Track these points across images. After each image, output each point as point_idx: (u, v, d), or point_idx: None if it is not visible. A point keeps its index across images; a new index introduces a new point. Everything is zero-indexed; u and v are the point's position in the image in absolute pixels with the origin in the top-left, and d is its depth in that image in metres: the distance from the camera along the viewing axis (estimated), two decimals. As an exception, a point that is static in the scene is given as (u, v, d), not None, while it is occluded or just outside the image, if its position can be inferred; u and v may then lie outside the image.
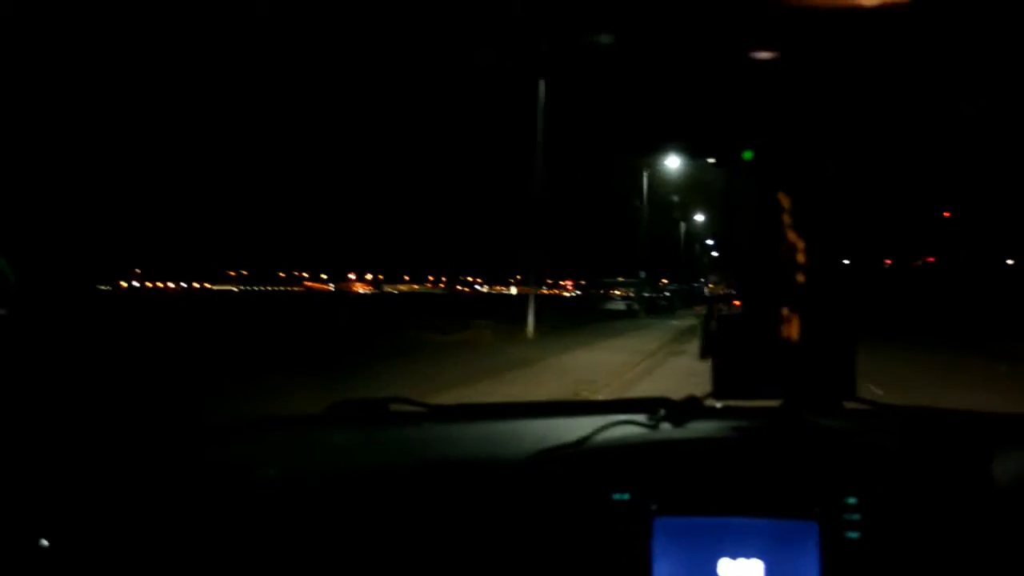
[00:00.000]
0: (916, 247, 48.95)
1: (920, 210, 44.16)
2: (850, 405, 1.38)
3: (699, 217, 56.63)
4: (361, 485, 1.26)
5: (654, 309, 42.51)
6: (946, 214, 43.75)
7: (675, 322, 29.29)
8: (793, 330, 1.29)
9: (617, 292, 42.56)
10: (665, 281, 63.95)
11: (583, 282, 53.56)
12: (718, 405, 1.41)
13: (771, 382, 1.30)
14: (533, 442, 1.29)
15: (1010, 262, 35.61)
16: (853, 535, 1.11)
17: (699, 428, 1.32)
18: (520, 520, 1.18)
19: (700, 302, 44.88)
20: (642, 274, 40.69)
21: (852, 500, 1.12)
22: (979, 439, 1.28)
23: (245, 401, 6.69)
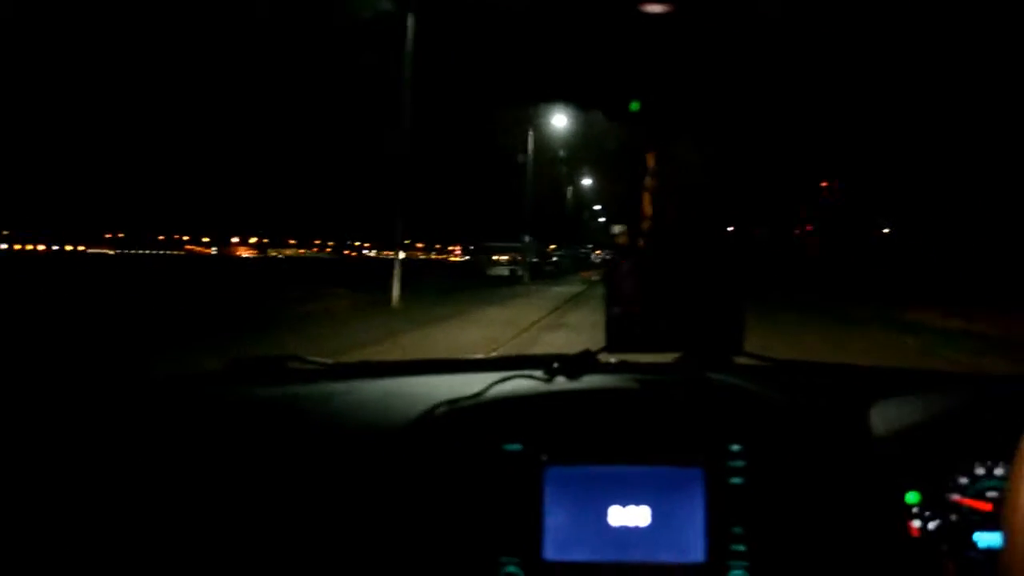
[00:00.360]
0: (796, 216, 50.01)
1: (799, 180, 44.95)
2: (742, 360, 1.43)
3: (587, 181, 55.40)
4: (258, 443, 1.26)
5: (540, 275, 41.18)
6: (823, 184, 44.65)
7: (560, 289, 28.02)
8: (678, 285, 1.34)
9: (503, 257, 41.40)
10: (553, 247, 63.15)
11: (472, 247, 51.74)
12: (613, 360, 1.46)
13: (662, 336, 1.34)
14: (430, 397, 1.29)
15: (886, 231, 36.47)
16: (737, 481, 1.16)
17: (592, 381, 1.35)
18: (414, 473, 1.19)
19: (588, 268, 43.56)
20: (526, 238, 38.23)
21: (736, 448, 1.17)
22: (858, 391, 1.34)
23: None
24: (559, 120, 33.62)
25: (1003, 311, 14.49)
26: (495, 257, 42.49)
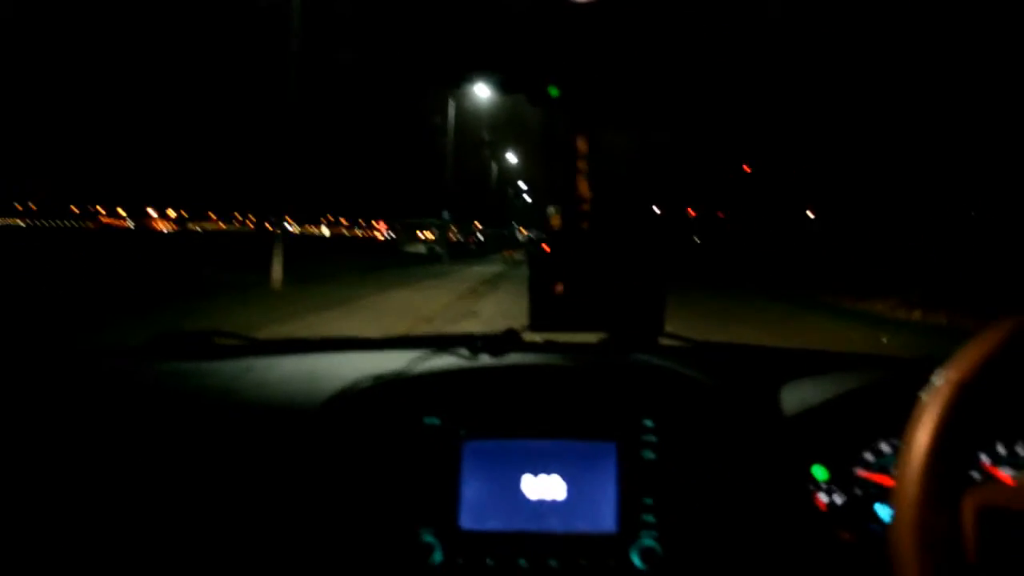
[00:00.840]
0: (719, 199, 50.15)
1: (723, 163, 45.00)
2: (666, 341, 1.50)
3: (513, 160, 54.12)
4: (181, 417, 1.25)
5: (461, 253, 39.70)
6: (746, 168, 44.73)
7: (479, 268, 26.91)
8: (597, 266, 1.36)
9: (427, 234, 40.12)
10: (479, 224, 61.88)
11: (398, 224, 50.49)
12: (539, 339, 1.48)
13: (584, 316, 1.38)
14: (354, 373, 1.30)
15: (811, 215, 36.60)
16: (649, 455, 1.20)
17: (514, 359, 1.36)
18: (334, 447, 1.20)
19: (512, 246, 41.90)
20: (446, 214, 35.95)
21: (649, 423, 1.22)
22: (771, 371, 1.38)
23: None
24: (482, 96, 32.18)
25: (950, 301, 14.16)
26: (416, 234, 40.75)
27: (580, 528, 1.18)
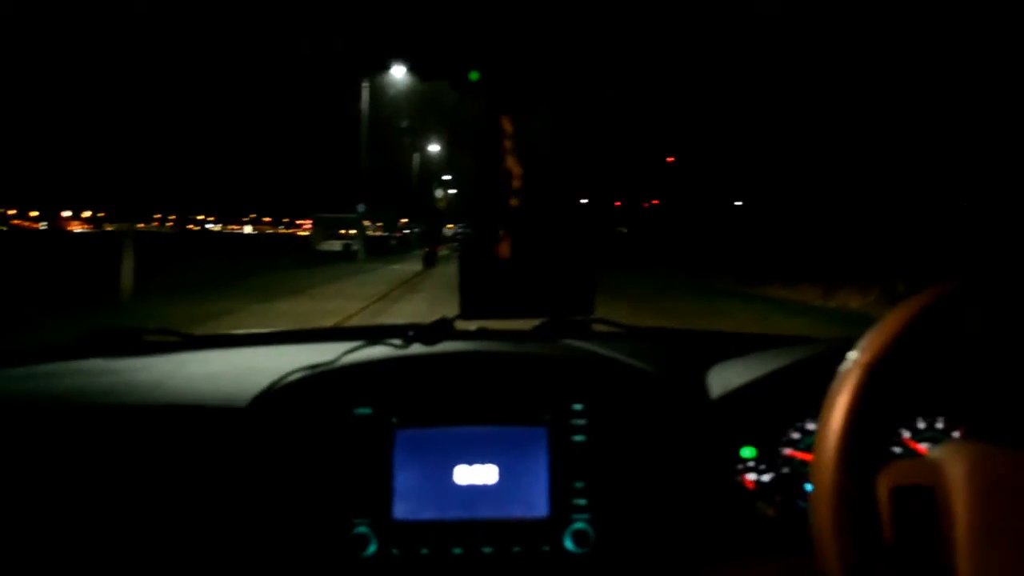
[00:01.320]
0: (645, 190, 50.08)
1: (647, 155, 44.96)
2: (598, 327, 1.51)
3: (438, 151, 51.79)
4: (111, 414, 1.23)
5: (381, 250, 37.97)
6: (669, 159, 44.66)
7: (397, 267, 24.50)
8: (518, 251, 1.36)
9: (354, 232, 38.59)
10: (405, 220, 60.37)
11: (316, 221, 48.60)
12: (472, 327, 1.48)
13: (515, 303, 1.37)
14: (286, 367, 1.28)
15: (738, 203, 36.50)
16: (579, 439, 1.22)
17: (446, 347, 1.35)
18: (266, 440, 1.19)
19: (440, 242, 37.99)
20: (361, 207, 31.11)
21: (578, 407, 1.23)
22: (699, 355, 1.40)
23: None
24: (401, 82, 30.46)
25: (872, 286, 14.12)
26: (334, 231, 38.23)
27: (513, 514, 1.19)
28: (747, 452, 1.23)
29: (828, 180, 25.73)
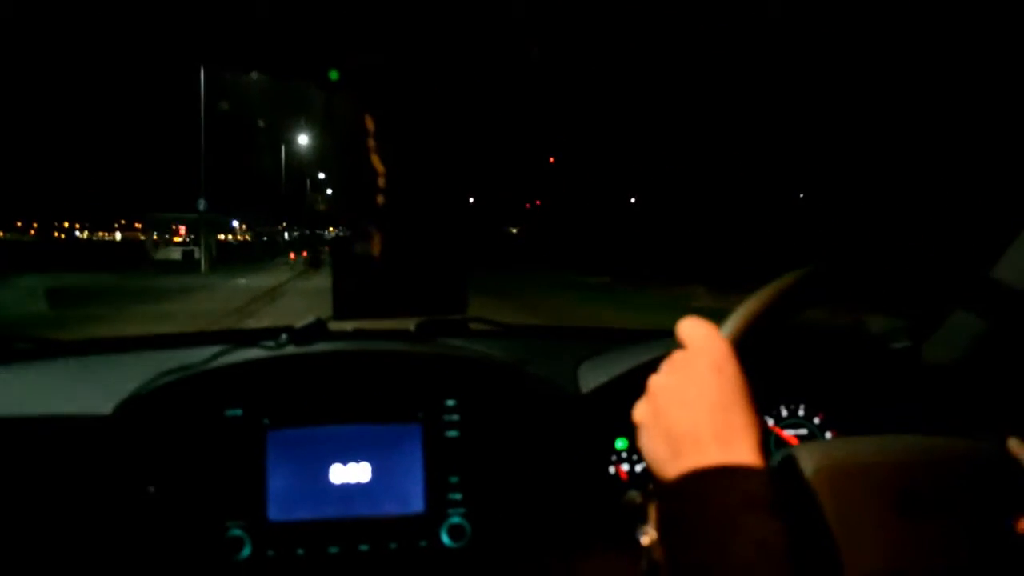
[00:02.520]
0: (528, 190, 50.55)
1: (529, 156, 45.42)
2: (474, 326, 1.53)
3: (310, 150, 48.56)
4: None
5: (238, 257, 32.04)
6: (551, 159, 45.24)
7: (249, 280, 18.60)
8: (390, 250, 1.38)
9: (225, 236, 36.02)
10: (284, 224, 58.42)
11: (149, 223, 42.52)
12: (349, 328, 1.46)
13: (387, 302, 1.39)
14: (156, 370, 1.25)
15: (633, 200, 37.27)
16: (452, 434, 1.23)
17: (319, 347, 1.33)
18: (136, 444, 1.17)
19: (314, 246, 30.46)
20: (202, 204, 24.95)
21: (451, 403, 1.24)
22: (571, 350, 1.42)
23: None
24: (258, 78, 28.59)
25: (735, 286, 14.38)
26: (173, 234, 32.03)
27: (389, 511, 1.19)
28: (620, 443, 1.26)
29: (717, 180, 26.66)
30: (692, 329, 0.72)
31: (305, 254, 28.55)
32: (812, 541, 0.66)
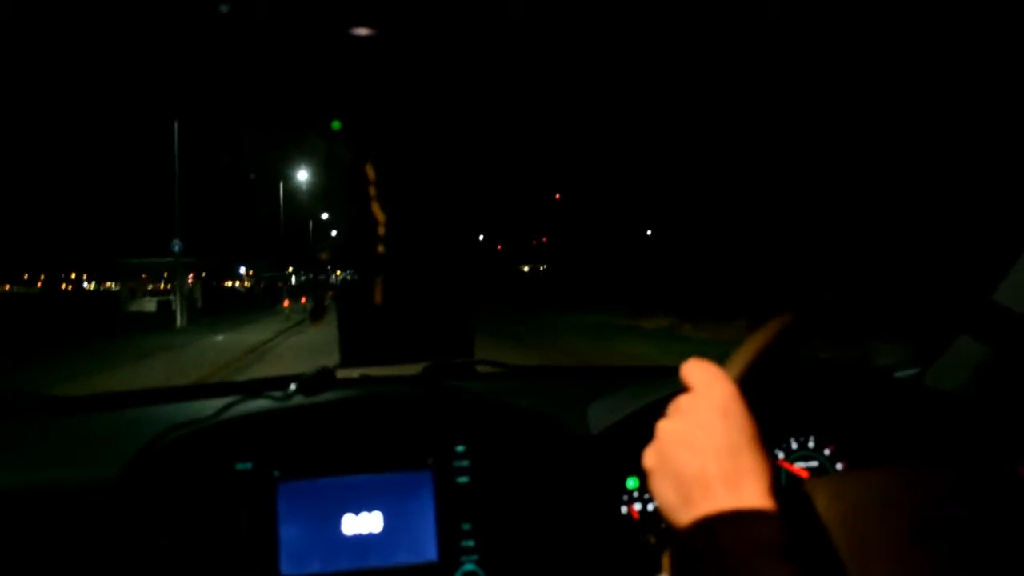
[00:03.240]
0: (532, 227, 50.62)
1: (533, 192, 45.62)
2: (482, 368, 1.54)
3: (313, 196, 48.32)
4: None
5: (229, 306, 30.02)
6: (556, 196, 45.43)
7: (225, 338, 16.20)
8: (394, 296, 1.38)
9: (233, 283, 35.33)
10: (291, 269, 58.49)
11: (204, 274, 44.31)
12: (356, 375, 1.46)
13: (395, 348, 1.38)
14: (163, 426, 1.24)
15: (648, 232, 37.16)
16: (463, 480, 1.22)
17: (327, 396, 1.33)
18: (146, 501, 1.16)
19: (317, 291, 29.17)
20: (176, 245, 21.16)
21: (461, 448, 1.24)
22: (580, 390, 1.43)
23: None
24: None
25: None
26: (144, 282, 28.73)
27: (402, 560, 1.19)
28: (632, 483, 1.24)
29: (732, 207, 26.61)
30: (697, 371, 0.72)
31: (304, 301, 25.75)
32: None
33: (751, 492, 0.64)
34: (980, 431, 1.18)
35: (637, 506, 1.25)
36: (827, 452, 1.36)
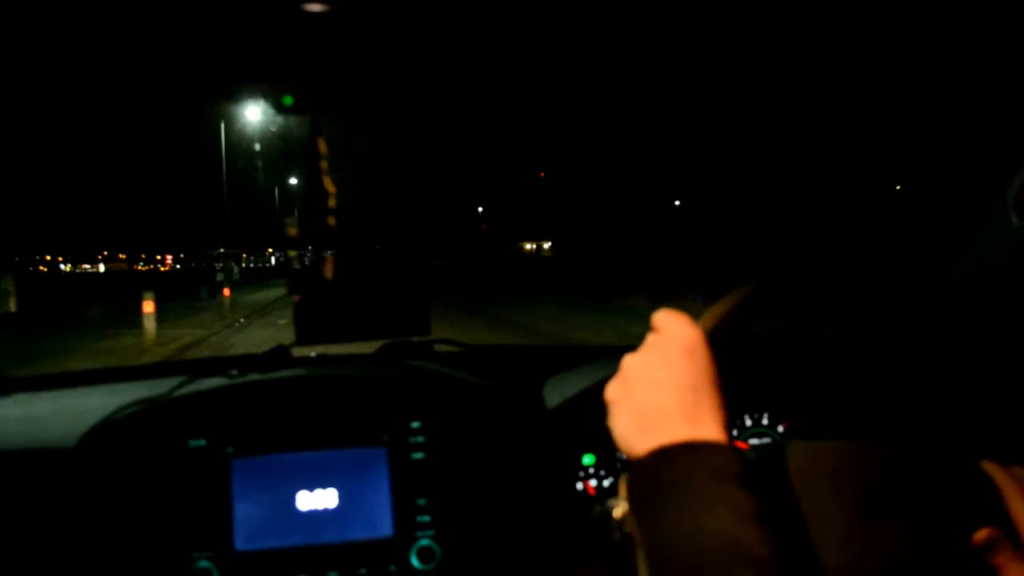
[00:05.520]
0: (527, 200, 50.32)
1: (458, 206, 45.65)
2: (439, 347, 1.51)
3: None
4: None
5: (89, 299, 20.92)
6: (542, 175, 45.38)
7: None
8: (346, 273, 1.39)
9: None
10: (271, 250, 57.72)
11: (182, 256, 42.61)
12: (313, 354, 1.45)
13: (347, 326, 1.37)
14: (117, 404, 1.24)
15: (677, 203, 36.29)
16: (418, 456, 1.23)
17: (283, 374, 1.33)
18: (100, 478, 1.16)
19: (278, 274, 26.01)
20: None
21: (416, 425, 1.24)
22: (536, 368, 1.42)
23: None
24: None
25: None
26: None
27: (357, 536, 1.19)
28: (588, 459, 1.25)
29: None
30: (667, 316, 0.75)
31: (227, 292, 19.25)
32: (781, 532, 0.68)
33: (708, 426, 0.67)
34: (926, 405, 1.20)
35: (593, 482, 1.26)
36: (780, 429, 1.37)
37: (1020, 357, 1.14)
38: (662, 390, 0.69)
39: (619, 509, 0.81)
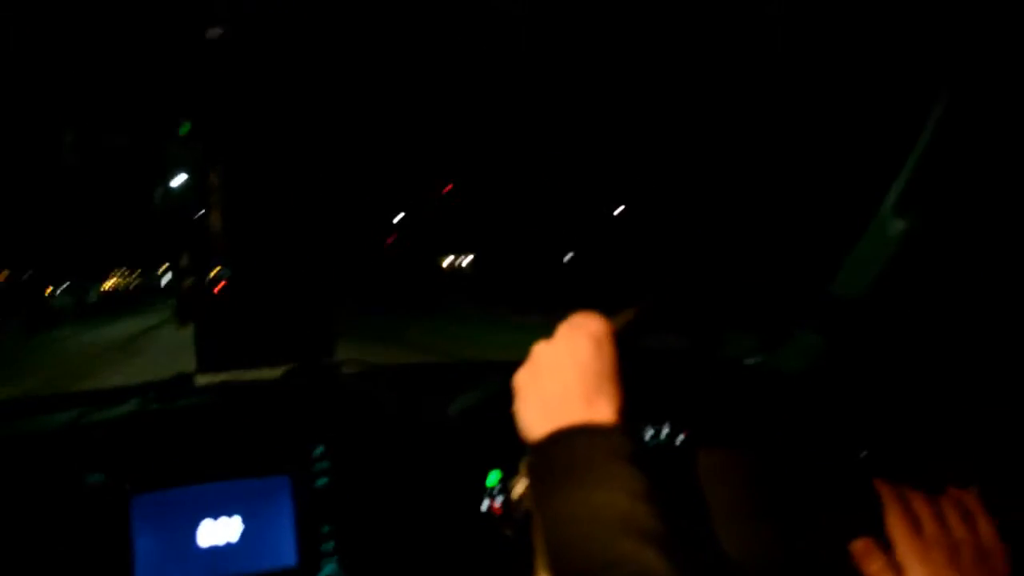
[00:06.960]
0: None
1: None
2: (346, 369, 1.49)
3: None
4: None
5: None
6: (446, 189, 45.08)
7: None
8: (242, 296, 1.35)
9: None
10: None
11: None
12: (218, 380, 1.42)
13: (249, 350, 1.35)
14: (10, 437, 1.22)
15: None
16: (322, 482, 1.21)
17: (184, 403, 1.31)
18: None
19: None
20: None
21: (319, 451, 1.22)
22: (443, 385, 1.41)
23: None
24: None
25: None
26: None
27: (261, 567, 1.17)
28: (492, 478, 1.25)
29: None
30: (579, 313, 0.78)
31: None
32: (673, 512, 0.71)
33: (605, 410, 0.69)
34: (819, 413, 1.25)
35: (499, 501, 1.25)
36: (681, 438, 1.41)
37: (905, 360, 1.22)
38: (567, 374, 0.72)
39: (519, 487, 0.84)
